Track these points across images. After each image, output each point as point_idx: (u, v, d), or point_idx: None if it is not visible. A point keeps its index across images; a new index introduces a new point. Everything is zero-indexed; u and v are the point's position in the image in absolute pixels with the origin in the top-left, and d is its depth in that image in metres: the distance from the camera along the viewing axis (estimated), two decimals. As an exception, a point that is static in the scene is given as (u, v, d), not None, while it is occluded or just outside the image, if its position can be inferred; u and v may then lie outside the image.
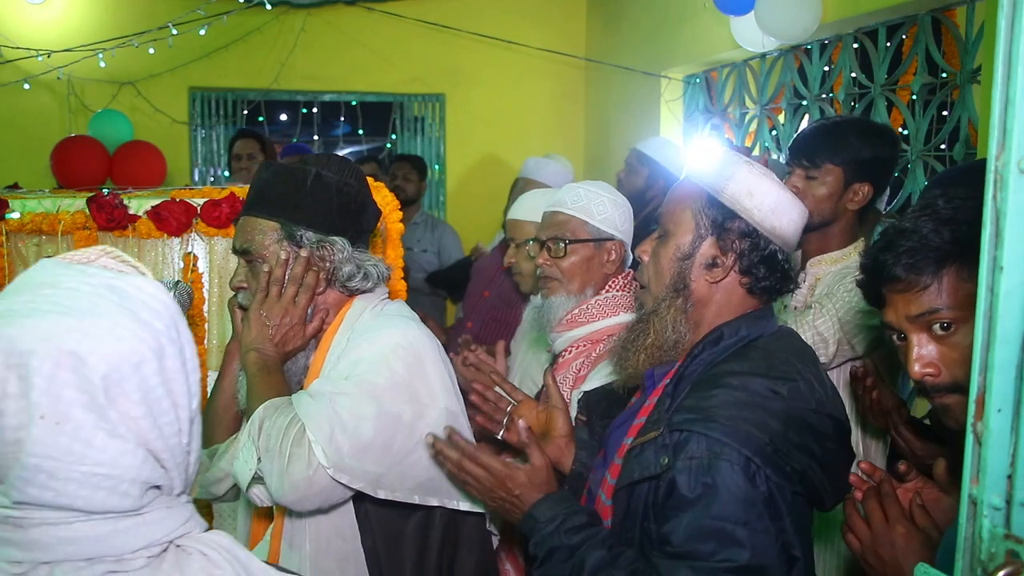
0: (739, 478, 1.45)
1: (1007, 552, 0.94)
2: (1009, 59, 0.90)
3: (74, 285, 1.00)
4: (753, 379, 1.55)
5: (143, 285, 1.04)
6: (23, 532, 0.94)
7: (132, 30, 5.41)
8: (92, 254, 1.08)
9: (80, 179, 4.87)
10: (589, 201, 2.36)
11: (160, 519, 1.02)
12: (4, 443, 0.93)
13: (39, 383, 0.92)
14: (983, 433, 0.96)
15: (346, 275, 1.92)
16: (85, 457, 0.94)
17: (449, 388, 1.91)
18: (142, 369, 0.98)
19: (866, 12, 3.76)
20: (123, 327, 0.98)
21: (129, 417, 0.97)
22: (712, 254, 1.67)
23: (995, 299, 0.93)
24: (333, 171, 1.92)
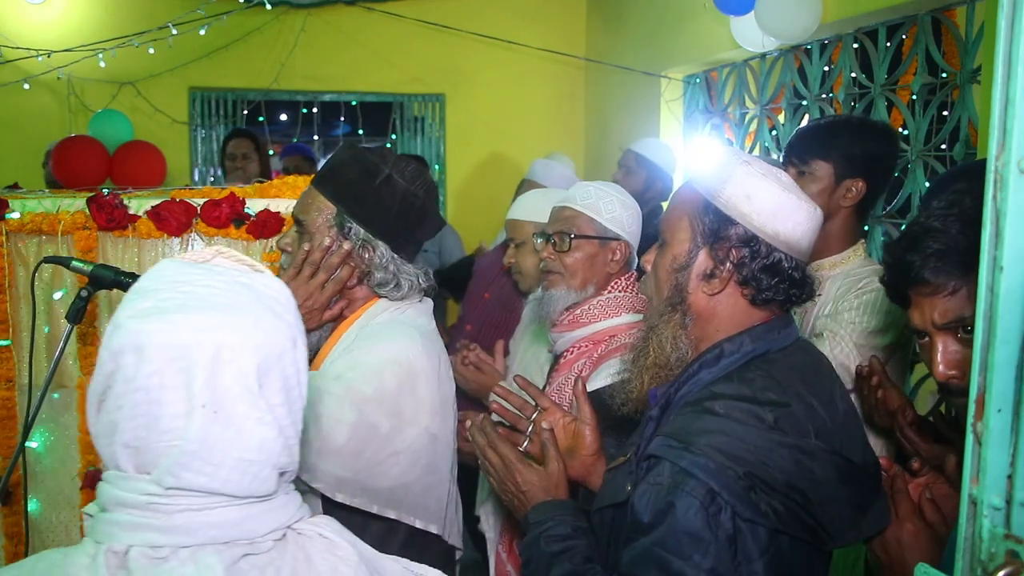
0: (694, 512, 1.35)
1: (1007, 552, 0.94)
2: (1009, 59, 0.90)
3: (209, 282, 1.06)
4: (739, 404, 1.43)
5: (269, 282, 1.11)
6: (167, 517, 1.00)
7: (132, 30, 5.41)
8: (208, 253, 1.14)
9: (80, 179, 4.87)
10: (598, 199, 2.36)
11: (283, 504, 1.09)
12: (159, 433, 0.99)
13: (200, 374, 0.99)
14: (983, 433, 0.96)
15: (377, 281, 1.97)
16: (237, 443, 1.01)
17: (437, 410, 1.93)
18: (283, 359, 1.06)
19: (866, 12, 3.75)
20: (265, 320, 1.05)
21: (272, 405, 1.04)
22: (709, 264, 1.54)
23: (995, 299, 0.93)
24: (406, 178, 1.94)
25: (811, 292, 1.60)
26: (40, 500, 2.75)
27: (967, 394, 1.37)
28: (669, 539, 1.36)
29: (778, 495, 1.37)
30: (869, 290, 2.35)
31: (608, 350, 2.26)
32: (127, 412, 0.99)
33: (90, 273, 2.07)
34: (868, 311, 2.34)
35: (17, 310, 2.68)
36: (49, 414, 2.72)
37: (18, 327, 2.68)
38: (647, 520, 1.39)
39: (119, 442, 1.00)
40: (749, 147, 4.96)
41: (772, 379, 1.47)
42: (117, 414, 1.00)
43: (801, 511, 1.39)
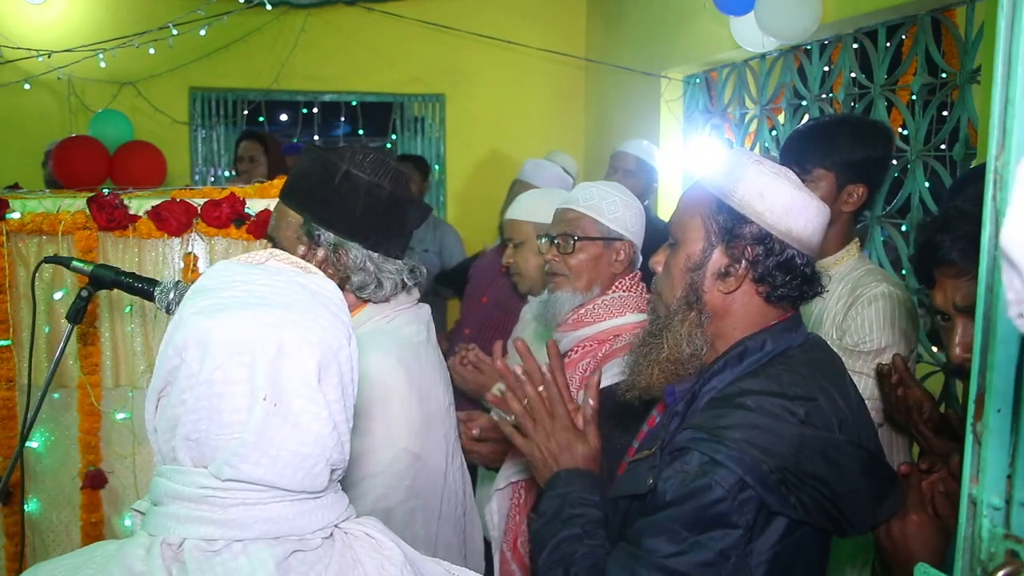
0: (720, 499, 1.38)
1: (1007, 552, 0.94)
2: (1009, 59, 0.90)
3: (268, 282, 1.09)
4: (770, 399, 1.45)
5: (322, 282, 1.14)
6: (222, 511, 1.01)
7: (132, 30, 5.41)
8: (262, 256, 1.17)
9: (80, 179, 4.87)
10: (601, 200, 2.36)
11: (332, 503, 1.11)
12: (220, 426, 1.01)
13: (262, 368, 1.01)
14: (983, 433, 0.96)
15: (356, 284, 1.86)
16: (294, 437, 1.03)
17: (418, 429, 1.83)
18: (339, 356, 1.08)
19: (866, 12, 3.76)
20: (324, 318, 1.08)
21: (329, 401, 1.06)
22: (724, 263, 1.56)
23: (995, 299, 0.93)
24: (366, 171, 1.83)
25: (821, 288, 1.63)
26: (40, 500, 2.75)
27: None
28: (687, 516, 1.40)
29: (807, 488, 1.41)
30: (872, 297, 2.35)
31: (613, 349, 2.26)
32: (190, 406, 1.01)
33: (90, 273, 2.07)
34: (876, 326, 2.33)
35: (17, 310, 2.68)
36: (49, 414, 2.72)
37: (18, 327, 2.68)
38: (669, 499, 1.42)
39: (180, 435, 1.02)
40: (749, 147, 4.96)
41: (797, 374, 1.51)
42: (180, 408, 1.02)
43: (827, 503, 1.43)
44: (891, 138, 2.57)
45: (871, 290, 2.35)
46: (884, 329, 2.32)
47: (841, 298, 2.41)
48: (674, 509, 1.41)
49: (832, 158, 2.41)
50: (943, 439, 2.06)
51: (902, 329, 2.34)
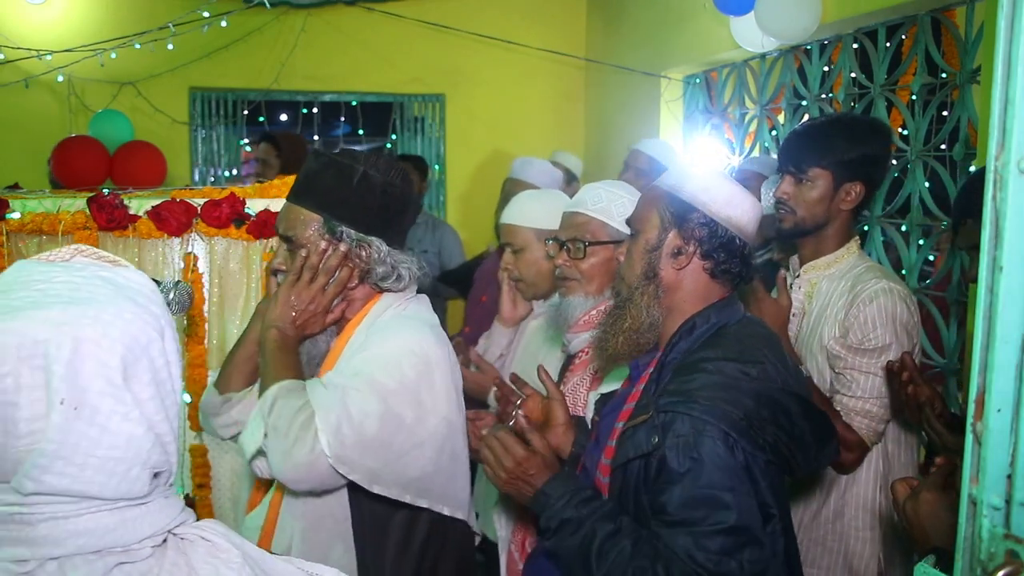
0: (720, 450, 1.62)
1: (1007, 552, 0.94)
2: (1009, 59, 0.90)
3: (67, 278, 1.01)
4: (726, 363, 1.72)
5: (130, 275, 1.07)
6: (31, 528, 0.94)
7: (132, 30, 5.41)
8: (66, 253, 1.09)
9: (80, 179, 4.87)
10: (610, 202, 2.36)
11: (161, 508, 1.03)
12: (17, 437, 0.93)
13: (58, 369, 0.93)
14: (983, 433, 0.96)
15: (380, 275, 2.00)
16: (101, 441, 0.95)
17: (452, 399, 1.98)
18: (150, 350, 1.01)
19: (866, 12, 3.76)
20: (128, 311, 1.00)
21: (140, 400, 0.99)
22: (677, 244, 1.85)
23: (995, 299, 0.93)
24: (380, 171, 1.97)
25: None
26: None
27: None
28: (710, 477, 1.61)
29: (769, 430, 1.66)
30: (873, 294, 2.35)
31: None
32: None
33: (90, 273, 2.07)
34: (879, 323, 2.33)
35: (17, 310, 2.68)
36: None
37: (18, 327, 2.67)
38: (681, 469, 1.63)
39: None
40: (749, 147, 4.96)
41: (743, 344, 1.79)
42: None
43: (782, 444, 1.68)
44: (888, 135, 2.57)
45: (872, 286, 2.35)
46: (887, 325, 2.32)
47: (842, 295, 2.41)
48: (695, 477, 1.62)
49: (828, 157, 2.42)
50: (956, 435, 2.10)
51: (904, 325, 2.35)
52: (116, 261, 1.10)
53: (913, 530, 1.57)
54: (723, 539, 1.59)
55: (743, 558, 1.59)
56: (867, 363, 2.33)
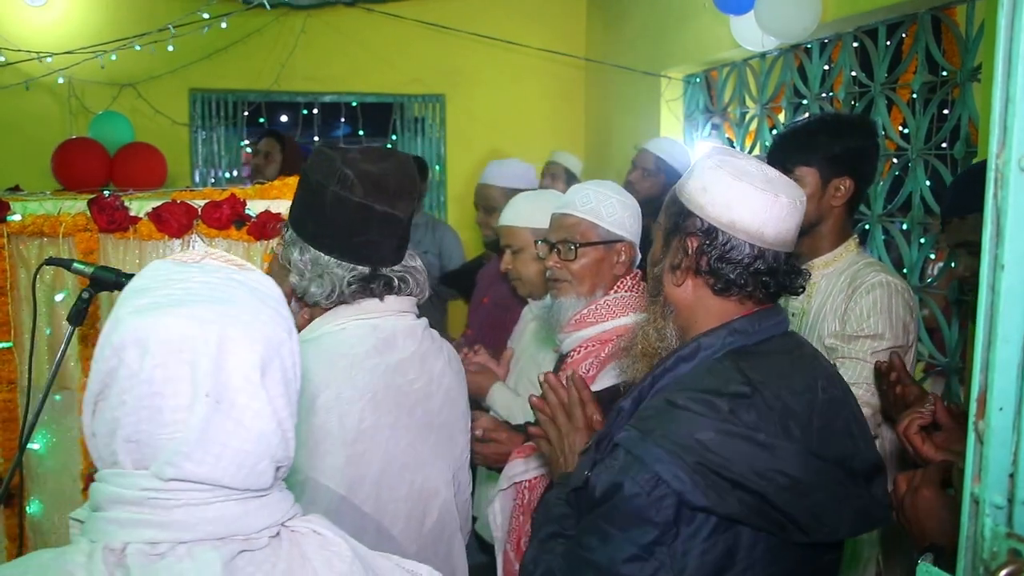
0: (637, 496, 1.41)
1: (1009, 551, 0.94)
2: (1009, 57, 0.90)
3: (204, 279, 1.07)
4: (700, 395, 1.46)
5: (259, 278, 1.13)
6: (166, 513, 1.00)
7: (132, 32, 5.41)
8: (197, 254, 1.15)
9: (81, 181, 4.88)
10: (599, 203, 2.36)
11: (278, 501, 1.09)
12: (161, 425, 1.00)
13: (204, 364, 1.00)
14: (984, 432, 0.96)
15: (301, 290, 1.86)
16: (237, 434, 1.02)
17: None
18: (281, 351, 1.07)
19: (866, 11, 3.75)
20: (263, 313, 1.07)
21: (272, 397, 1.05)
22: (676, 256, 1.60)
23: (996, 298, 0.93)
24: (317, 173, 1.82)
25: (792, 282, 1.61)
26: (42, 501, 2.75)
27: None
28: (612, 513, 1.44)
29: (733, 486, 1.40)
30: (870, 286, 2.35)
31: (616, 349, 2.26)
32: (130, 406, 0.99)
33: (91, 275, 2.08)
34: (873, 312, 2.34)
35: (18, 312, 2.68)
36: (51, 416, 2.72)
37: (19, 329, 2.68)
38: (597, 496, 1.47)
39: (120, 437, 1.00)
40: (749, 146, 4.96)
41: (739, 371, 1.49)
42: (120, 410, 1.00)
43: (760, 504, 1.41)
44: (871, 130, 2.57)
45: (870, 279, 2.37)
46: (881, 315, 2.33)
47: (842, 291, 2.42)
48: (602, 507, 1.46)
49: (812, 155, 2.44)
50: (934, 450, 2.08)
51: (900, 318, 2.35)
52: (243, 265, 1.15)
53: (911, 527, 1.55)
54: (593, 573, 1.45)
55: None
56: (857, 349, 2.35)
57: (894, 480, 1.61)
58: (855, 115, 2.99)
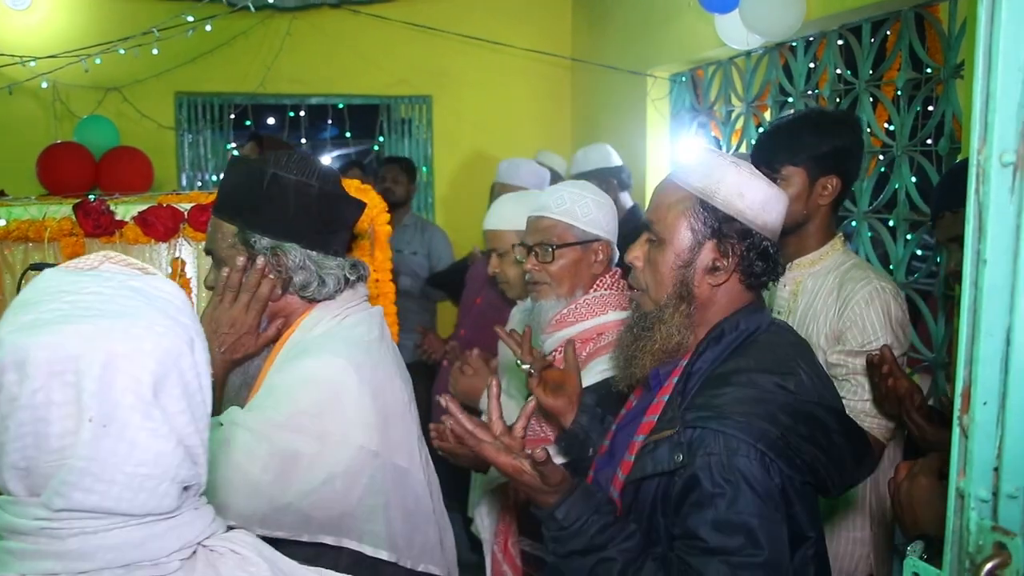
0: (757, 471, 1.51)
1: (994, 544, 0.94)
2: (989, 54, 0.91)
3: (96, 289, 1.00)
4: (760, 375, 1.61)
5: (160, 284, 1.06)
6: (60, 543, 0.94)
7: (116, 35, 5.39)
8: (94, 260, 1.08)
9: (66, 186, 4.85)
10: (573, 204, 2.36)
11: (190, 520, 1.03)
12: (48, 452, 0.93)
13: (89, 386, 0.93)
14: (969, 426, 0.96)
15: (299, 284, 1.86)
16: (130, 458, 0.95)
17: (375, 425, 1.80)
18: (180, 364, 1.00)
19: (850, 8, 3.77)
20: (159, 324, 0.99)
21: (170, 414, 0.98)
22: (712, 257, 1.71)
23: (979, 293, 0.94)
24: (293, 171, 1.82)
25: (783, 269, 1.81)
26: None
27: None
28: (741, 501, 1.51)
29: (805, 450, 1.56)
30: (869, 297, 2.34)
31: (597, 348, 2.27)
32: (13, 432, 0.93)
33: (77, 280, 2.06)
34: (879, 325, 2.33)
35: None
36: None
37: (5, 335, 2.66)
38: (715, 491, 1.52)
39: (7, 464, 0.94)
40: (736, 145, 4.97)
41: (775, 353, 1.68)
42: (3, 435, 0.94)
43: (819, 463, 1.57)
44: (856, 127, 2.56)
45: (863, 288, 2.35)
46: (886, 327, 2.33)
47: (830, 293, 2.41)
48: (727, 499, 1.51)
49: (799, 154, 2.42)
50: (935, 426, 2.12)
51: (900, 323, 2.36)
52: (145, 269, 1.09)
53: (904, 513, 1.57)
54: (760, 573, 1.49)
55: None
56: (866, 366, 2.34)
57: (896, 467, 1.66)
58: (839, 112, 2.99)
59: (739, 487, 1.51)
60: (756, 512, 1.50)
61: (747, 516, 1.50)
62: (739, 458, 1.52)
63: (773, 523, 1.51)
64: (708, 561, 1.51)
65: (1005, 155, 0.91)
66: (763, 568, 1.49)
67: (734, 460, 1.52)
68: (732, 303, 1.74)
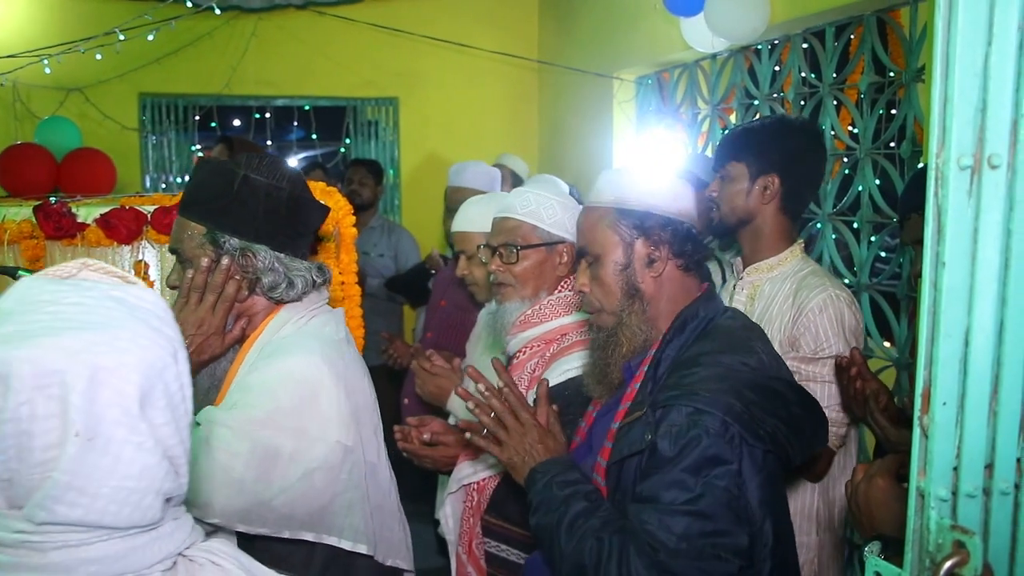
0: (711, 438, 1.60)
1: (954, 542, 0.96)
2: (947, 59, 0.92)
3: (77, 299, 0.99)
4: (724, 356, 1.73)
5: (141, 293, 1.04)
6: (42, 556, 0.93)
7: (78, 35, 5.32)
8: (73, 268, 1.06)
9: (27, 187, 4.79)
10: (539, 205, 2.37)
11: (171, 532, 1.03)
12: (31, 465, 0.92)
13: (75, 400, 0.92)
14: (929, 426, 0.97)
15: (268, 285, 1.88)
16: (115, 471, 0.94)
17: (348, 421, 1.84)
18: (165, 375, 0.99)
19: (813, 12, 3.80)
20: (142, 336, 0.98)
21: (155, 426, 0.98)
22: (646, 252, 1.85)
23: (938, 294, 0.95)
24: (263, 174, 1.85)
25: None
26: None
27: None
28: (691, 465, 1.60)
29: (769, 421, 1.66)
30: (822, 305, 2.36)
31: (560, 348, 2.27)
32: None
33: (37, 283, 2.03)
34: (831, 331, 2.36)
35: (-37, 322, 2.62)
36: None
37: (-36, 339, 2.62)
38: (669, 455, 1.62)
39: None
40: (703, 147, 5.00)
41: (734, 336, 1.80)
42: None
43: (781, 434, 1.68)
44: (810, 134, 2.58)
45: (817, 296, 2.38)
46: (840, 334, 2.36)
47: (786, 299, 2.43)
48: (678, 462, 1.61)
49: (742, 152, 2.50)
50: (900, 428, 2.14)
51: (853, 331, 2.39)
52: (125, 277, 1.07)
53: (860, 514, 1.58)
54: (688, 520, 1.58)
55: (704, 543, 1.57)
56: (823, 372, 2.36)
57: (854, 469, 1.68)
58: (799, 119, 3.02)
59: (690, 450, 1.60)
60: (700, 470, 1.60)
61: (688, 473, 1.60)
62: (698, 427, 1.61)
63: (718, 479, 1.60)
64: (640, 509, 1.62)
65: (963, 158, 0.92)
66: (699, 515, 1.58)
67: (693, 430, 1.61)
68: (682, 292, 1.88)
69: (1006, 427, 0.96)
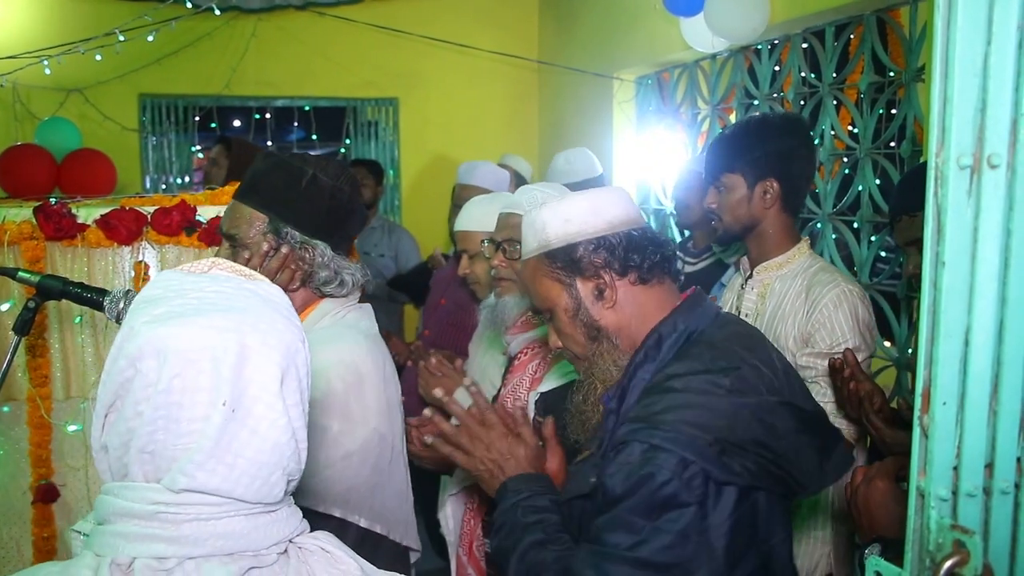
0: (668, 481, 1.43)
1: (954, 542, 0.96)
2: (946, 59, 0.92)
3: (217, 288, 1.07)
4: (695, 378, 1.54)
5: (268, 288, 1.13)
6: (175, 527, 0.98)
7: (78, 36, 5.31)
8: (204, 265, 1.14)
9: (27, 188, 4.79)
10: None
11: (286, 517, 1.08)
12: (177, 435, 0.99)
13: (224, 373, 0.99)
14: (929, 426, 0.97)
15: (322, 280, 1.95)
16: (251, 444, 1.01)
17: (384, 411, 1.93)
18: (297, 360, 1.07)
19: (813, 12, 3.80)
20: (279, 322, 1.07)
21: (288, 405, 1.04)
22: (591, 287, 1.68)
23: (938, 294, 0.95)
24: (329, 175, 1.94)
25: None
26: (-10, 516, 2.70)
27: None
28: (640, 505, 1.44)
29: (748, 454, 1.47)
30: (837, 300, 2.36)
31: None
32: (147, 417, 0.98)
33: (38, 284, 2.03)
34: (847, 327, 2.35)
35: (-37, 323, 2.63)
36: (-1, 427, 2.68)
37: (-36, 340, 2.63)
38: (619, 493, 1.46)
39: (135, 448, 0.99)
40: (702, 147, 5.00)
41: (716, 349, 1.59)
42: (135, 420, 0.99)
43: (771, 465, 1.49)
44: (797, 129, 2.55)
45: (831, 291, 2.37)
46: (855, 329, 2.35)
47: (798, 295, 2.43)
48: (626, 502, 1.46)
49: (736, 161, 2.47)
50: (895, 429, 2.13)
51: (867, 325, 2.39)
52: (252, 275, 1.14)
53: (860, 516, 1.58)
54: (628, 570, 1.43)
55: None
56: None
57: (852, 472, 1.66)
58: (781, 115, 3.00)
59: (639, 490, 1.45)
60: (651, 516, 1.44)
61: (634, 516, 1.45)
62: (650, 467, 1.45)
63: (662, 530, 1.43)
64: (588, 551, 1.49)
65: (963, 158, 0.92)
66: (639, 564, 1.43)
67: (645, 468, 1.45)
68: (654, 307, 1.69)
69: (1006, 427, 0.96)
